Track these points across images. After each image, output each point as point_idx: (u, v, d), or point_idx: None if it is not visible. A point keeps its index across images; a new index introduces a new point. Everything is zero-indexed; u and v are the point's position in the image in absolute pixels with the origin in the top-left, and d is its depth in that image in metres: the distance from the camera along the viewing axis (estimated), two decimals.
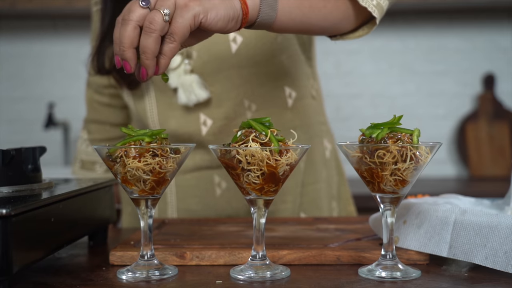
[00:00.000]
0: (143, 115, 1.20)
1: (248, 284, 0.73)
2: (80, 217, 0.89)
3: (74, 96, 2.81)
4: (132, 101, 1.21)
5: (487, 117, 2.73)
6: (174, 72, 1.14)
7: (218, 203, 1.18)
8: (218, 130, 1.16)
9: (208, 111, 1.15)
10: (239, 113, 1.16)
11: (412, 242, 0.81)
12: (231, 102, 1.15)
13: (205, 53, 1.14)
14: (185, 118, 1.16)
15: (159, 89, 1.17)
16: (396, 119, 0.75)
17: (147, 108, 1.19)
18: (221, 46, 1.13)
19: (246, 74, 1.15)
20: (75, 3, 2.51)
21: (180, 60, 1.14)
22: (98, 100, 1.36)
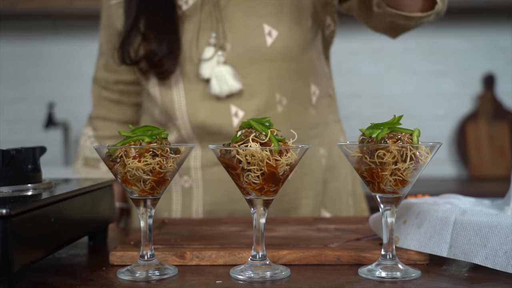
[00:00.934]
0: (170, 106, 1.19)
1: (248, 284, 0.72)
2: (80, 217, 0.89)
3: (74, 96, 2.81)
4: (158, 92, 1.20)
5: (487, 117, 2.73)
6: (207, 63, 1.15)
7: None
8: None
9: (240, 103, 1.16)
10: (270, 106, 1.17)
11: (412, 242, 0.81)
12: (263, 94, 1.17)
13: (239, 46, 1.15)
14: (215, 109, 1.16)
15: (189, 80, 1.17)
16: (396, 119, 0.75)
17: (174, 99, 1.18)
18: (256, 39, 1.15)
19: (279, 68, 1.17)
20: (76, 3, 2.50)
21: (213, 51, 1.15)
22: (107, 96, 1.34)
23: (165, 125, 1.23)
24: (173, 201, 1.23)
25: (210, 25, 1.16)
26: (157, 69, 1.16)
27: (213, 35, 1.15)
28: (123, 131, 0.77)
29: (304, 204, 1.22)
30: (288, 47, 1.17)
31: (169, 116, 1.20)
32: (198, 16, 1.16)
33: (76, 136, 2.81)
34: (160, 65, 1.15)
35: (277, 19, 1.15)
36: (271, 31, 1.14)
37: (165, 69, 1.16)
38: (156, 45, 1.15)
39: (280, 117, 1.18)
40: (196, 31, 1.16)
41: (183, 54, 1.16)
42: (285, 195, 1.20)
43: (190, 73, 1.17)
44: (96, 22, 2.84)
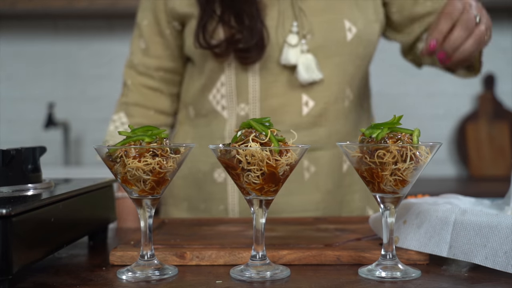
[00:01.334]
0: (243, 90, 1.20)
1: (248, 284, 0.72)
2: (80, 217, 0.89)
3: (74, 96, 2.81)
4: (234, 74, 1.21)
5: (487, 117, 2.73)
6: (292, 49, 1.16)
7: (306, 187, 1.21)
8: (318, 113, 1.20)
9: (312, 93, 1.19)
10: (339, 99, 1.21)
11: (412, 242, 0.81)
12: (335, 87, 1.20)
13: (320, 37, 1.18)
14: (287, 96, 1.19)
15: (265, 66, 1.19)
16: (396, 119, 0.75)
17: (249, 83, 1.20)
18: (337, 33, 1.18)
19: (353, 64, 1.21)
20: (76, 3, 2.50)
21: (297, 39, 1.17)
22: (145, 83, 1.31)
23: (220, 113, 1.23)
24: (228, 193, 1.23)
25: (292, 14, 1.18)
26: (243, 54, 1.18)
27: (294, 23, 1.18)
28: (123, 131, 0.77)
29: (355, 198, 1.26)
30: (364, 45, 1.21)
31: (236, 100, 1.21)
32: (280, 5, 1.19)
33: (76, 136, 2.81)
34: (247, 51, 1.17)
35: (355, 17, 1.19)
36: (351, 27, 1.18)
37: (251, 56, 1.17)
38: (247, 33, 1.16)
39: (346, 111, 1.22)
40: (280, 19, 1.19)
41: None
42: (341, 188, 1.24)
43: (270, 59, 1.19)
44: (95, 22, 2.85)
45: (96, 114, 2.81)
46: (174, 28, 1.27)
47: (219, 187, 1.24)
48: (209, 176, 1.25)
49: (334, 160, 1.22)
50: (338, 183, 1.23)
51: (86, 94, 2.82)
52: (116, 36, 2.80)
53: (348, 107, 1.22)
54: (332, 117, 1.20)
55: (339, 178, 1.24)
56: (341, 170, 1.24)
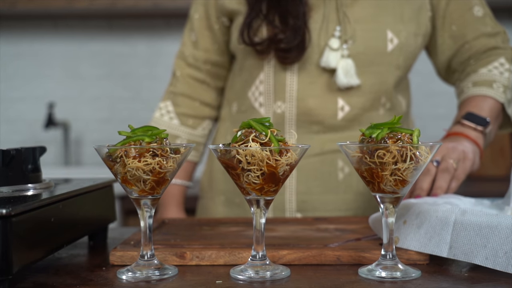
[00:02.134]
0: (280, 88, 1.22)
1: (248, 284, 0.72)
2: (80, 217, 0.89)
3: (74, 96, 2.81)
4: (272, 72, 1.23)
5: None
6: (333, 53, 1.18)
7: (339, 187, 1.22)
8: (353, 118, 1.21)
9: (348, 98, 1.20)
10: (374, 107, 1.22)
11: (412, 242, 0.81)
12: (372, 95, 1.21)
13: (362, 44, 1.19)
14: (324, 99, 1.20)
15: (304, 67, 1.21)
16: (396, 119, 0.75)
17: (287, 82, 1.21)
18: (379, 42, 1.20)
19: (391, 73, 1.22)
20: (76, 3, 2.51)
21: (339, 43, 1.18)
22: (193, 74, 1.35)
23: (257, 110, 1.25)
24: None
25: (336, 18, 1.20)
26: (283, 54, 1.20)
27: (337, 28, 1.19)
28: (123, 131, 0.77)
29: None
30: (404, 56, 1.23)
31: (273, 98, 1.23)
32: (325, 8, 1.20)
33: (76, 136, 2.81)
34: (288, 51, 1.18)
35: (399, 28, 1.21)
36: (393, 38, 1.20)
37: (292, 57, 1.19)
38: (290, 34, 1.18)
39: (380, 119, 1.23)
40: (324, 22, 1.20)
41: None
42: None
43: (309, 60, 1.20)
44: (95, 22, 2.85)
45: (96, 114, 2.81)
46: (222, 24, 1.30)
47: None
48: None
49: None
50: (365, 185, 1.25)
51: (86, 94, 2.82)
52: (116, 36, 2.80)
53: (383, 115, 1.24)
54: (365, 123, 1.21)
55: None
56: None
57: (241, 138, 0.74)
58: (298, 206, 1.22)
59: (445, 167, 1.05)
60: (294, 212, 1.22)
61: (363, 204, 1.24)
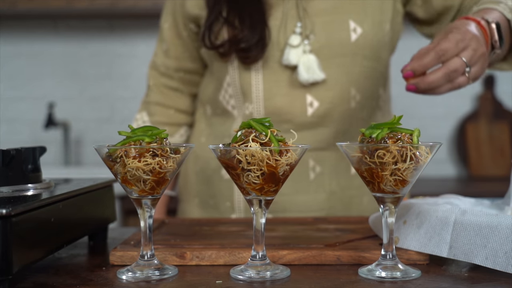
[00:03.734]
0: (247, 89, 1.21)
1: (248, 284, 0.72)
2: (80, 217, 0.89)
3: (74, 96, 2.81)
4: (237, 74, 1.22)
5: (487, 117, 2.73)
6: (294, 50, 1.17)
7: (310, 187, 1.21)
8: (323, 113, 1.19)
9: (316, 93, 1.18)
10: (345, 100, 1.20)
11: (412, 242, 0.81)
12: (340, 88, 1.19)
13: (324, 37, 1.18)
14: (291, 97, 1.19)
15: (269, 65, 1.19)
16: (396, 119, 0.75)
17: (252, 82, 1.20)
18: (341, 33, 1.18)
19: (358, 64, 1.20)
20: (75, 3, 2.51)
21: (300, 39, 1.17)
22: (166, 83, 1.36)
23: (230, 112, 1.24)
24: (235, 191, 1.24)
25: (296, 14, 1.18)
26: (244, 54, 1.18)
27: (298, 24, 1.18)
28: (123, 131, 0.77)
29: (366, 201, 1.24)
30: (370, 45, 1.20)
31: (242, 100, 1.22)
32: (284, 5, 1.19)
33: (76, 136, 2.81)
34: (248, 51, 1.17)
35: (361, 18, 1.18)
36: (356, 28, 1.18)
37: (252, 55, 1.18)
38: (248, 32, 1.17)
39: (352, 112, 1.21)
40: (283, 19, 1.19)
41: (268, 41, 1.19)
42: (348, 190, 1.23)
43: (272, 59, 1.19)
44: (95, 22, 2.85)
45: (96, 114, 2.81)
46: (191, 30, 1.30)
47: (226, 184, 1.25)
48: (217, 173, 1.26)
49: (340, 161, 1.22)
50: (344, 185, 1.23)
51: (86, 94, 2.82)
52: (116, 36, 2.80)
53: (354, 108, 1.21)
54: (337, 118, 1.20)
55: (346, 180, 1.23)
56: (348, 171, 1.23)
57: (241, 138, 0.74)
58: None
59: (454, 69, 0.94)
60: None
61: (338, 205, 1.22)
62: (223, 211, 1.25)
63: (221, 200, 1.26)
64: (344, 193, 1.23)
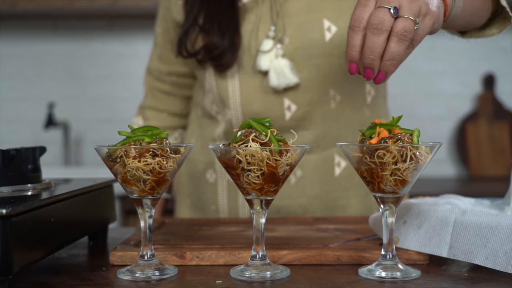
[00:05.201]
0: (224, 95, 1.20)
1: (248, 284, 0.72)
2: (80, 217, 0.89)
3: (74, 96, 2.81)
4: (214, 81, 1.21)
5: (487, 117, 2.73)
6: (265, 55, 1.15)
7: (292, 192, 1.19)
8: (302, 116, 1.17)
9: (294, 96, 1.17)
10: (324, 101, 1.18)
11: (412, 242, 0.81)
12: (317, 89, 1.17)
13: (297, 39, 1.16)
14: (268, 101, 1.17)
15: (245, 71, 1.18)
16: (396, 120, 0.75)
17: (229, 89, 1.19)
18: (315, 33, 1.15)
19: (335, 64, 1.17)
20: (75, 3, 2.50)
21: (272, 44, 1.15)
22: (159, 87, 1.36)
23: (215, 117, 1.24)
24: (219, 194, 1.24)
25: (270, 18, 1.17)
26: (216, 61, 1.18)
27: (272, 28, 1.16)
28: (123, 131, 0.77)
29: (353, 203, 1.22)
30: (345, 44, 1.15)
31: (222, 106, 1.21)
32: (259, 8, 1.18)
33: (76, 136, 2.81)
34: (220, 58, 1.16)
35: (337, 15, 1.16)
36: (330, 26, 1.15)
37: (225, 62, 1.17)
38: (217, 38, 1.16)
39: (333, 113, 1.19)
40: (256, 23, 1.17)
41: (241, 46, 1.18)
42: (332, 192, 1.20)
43: (247, 65, 1.18)
44: (95, 22, 2.85)
45: (96, 114, 2.81)
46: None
47: (210, 188, 1.25)
48: (202, 175, 1.26)
49: (322, 164, 1.19)
50: (328, 188, 1.20)
51: (86, 94, 2.82)
52: (116, 36, 2.80)
53: (335, 108, 1.19)
54: (317, 120, 1.18)
55: (330, 183, 1.20)
56: (332, 174, 1.20)
57: (241, 138, 0.74)
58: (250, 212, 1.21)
59: (375, 18, 0.78)
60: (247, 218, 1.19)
61: (322, 209, 1.20)
62: (209, 214, 1.25)
63: (207, 203, 1.26)
64: (329, 196, 1.20)
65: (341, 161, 1.20)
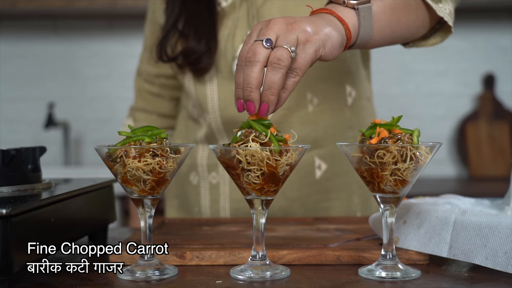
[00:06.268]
0: (203, 100, 1.20)
1: (248, 284, 0.72)
2: (80, 217, 0.89)
3: (74, 96, 2.81)
4: (192, 86, 1.21)
5: (487, 117, 2.73)
6: None
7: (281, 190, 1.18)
8: (279, 120, 1.16)
9: None
10: (301, 105, 1.17)
11: (412, 242, 0.81)
12: (294, 93, 1.15)
13: None
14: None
15: (222, 76, 1.18)
16: (396, 120, 0.75)
17: (207, 93, 1.19)
18: None
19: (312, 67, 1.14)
20: (75, 3, 2.51)
21: None
22: (148, 89, 1.37)
23: (197, 120, 1.25)
24: (201, 197, 1.24)
25: (247, 22, 1.17)
26: (193, 66, 1.18)
27: (248, 32, 1.15)
28: (123, 131, 0.77)
29: (336, 206, 1.21)
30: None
31: (201, 110, 1.22)
32: (236, 13, 1.18)
33: (76, 136, 2.81)
34: (197, 62, 1.17)
35: None
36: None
37: (201, 67, 1.17)
38: (194, 43, 1.16)
39: (311, 116, 1.18)
40: (232, 28, 1.17)
41: (218, 51, 1.18)
42: (314, 195, 1.20)
43: (224, 69, 1.18)
44: (95, 22, 2.85)
45: (96, 114, 2.81)
46: None
47: (193, 190, 1.26)
48: (186, 178, 1.27)
49: (302, 167, 1.18)
50: (308, 191, 1.19)
51: (86, 94, 2.82)
52: (116, 36, 2.80)
53: (313, 112, 1.17)
54: (296, 124, 1.17)
55: (311, 185, 1.19)
56: (313, 177, 1.19)
57: (241, 138, 0.74)
58: (231, 214, 1.20)
59: (243, 51, 0.78)
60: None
61: (302, 211, 1.19)
62: (193, 215, 1.26)
63: (191, 205, 1.26)
64: (309, 198, 1.19)
65: (322, 164, 1.19)
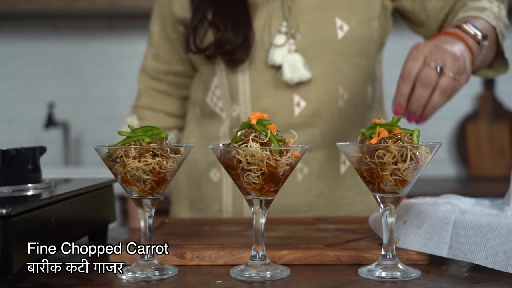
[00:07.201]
0: (235, 91, 1.20)
1: (248, 284, 0.72)
2: (80, 217, 0.89)
3: (74, 96, 2.81)
4: (225, 76, 1.21)
5: (487, 117, 2.73)
6: (278, 50, 1.15)
7: (298, 189, 1.19)
8: (312, 113, 1.17)
9: (303, 93, 1.17)
10: (333, 99, 1.18)
11: (412, 242, 0.81)
12: (327, 87, 1.17)
13: (310, 36, 1.16)
14: (278, 97, 1.17)
15: (255, 66, 1.18)
16: (395, 120, 0.75)
17: (239, 84, 1.19)
18: (328, 31, 1.16)
19: (346, 62, 1.18)
20: (75, 3, 2.51)
21: (285, 39, 1.16)
22: (155, 87, 1.36)
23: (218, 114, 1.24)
24: (223, 193, 1.23)
25: (282, 14, 1.17)
26: (228, 56, 1.18)
27: (284, 23, 1.17)
28: (123, 131, 0.77)
29: (357, 201, 1.23)
30: (357, 42, 1.18)
31: (230, 101, 1.21)
32: (269, 5, 1.18)
33: (76, 136, 2.81)
34: (232, 53, 1.16)
35: (348, 14, 1.17)
36: (342, 25, 1.16)
37: (237, 58, 1.17)
38: (231, 34, 1.16)
39: (341, 111, 1.19)
40: (267, 19, 1.18)
41: (254, 42, 1.18)
42: (337, 190, 1.21)
43: (258, 60, 1.18)
44: (95, 22, 2.85)
45: (96, 114, 2.81)
46: (180, 33, 1.29)
47: (214, 187, 1.24)
48: (205, 175, 1.26)
49: (328, 162, 1.20)
50: (333, 186, 1.21)
51: (86, 94, 2.82)
52: (116, 36, 2.80)
53: (343, 107, 1.19)
54: (326, 118, 1.18)
55: (335, 181, 1.21)
56: (338, 172, 1.21)
57: (241, 138, 0.74)
58: None
59: (426, 75, 0.97)
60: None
61: (327, 206, 1.20)
62: (211, 215, 1.25)
63: (210, 203, 1.25)
64: (332, 194, 1.21)
65: (347, 159, 1.21)
